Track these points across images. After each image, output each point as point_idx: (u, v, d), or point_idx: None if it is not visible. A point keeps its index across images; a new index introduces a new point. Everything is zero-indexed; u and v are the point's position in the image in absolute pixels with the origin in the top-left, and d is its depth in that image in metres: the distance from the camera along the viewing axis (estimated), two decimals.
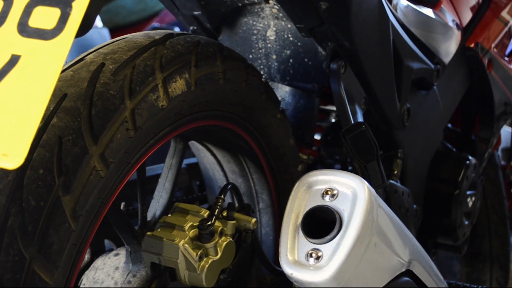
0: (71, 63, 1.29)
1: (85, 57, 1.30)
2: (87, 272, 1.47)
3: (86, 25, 1.07)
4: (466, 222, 2.04)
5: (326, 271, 1.27)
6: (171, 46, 1.36)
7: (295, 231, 1.32)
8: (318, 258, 1.29)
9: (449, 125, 2.21)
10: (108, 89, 1.24)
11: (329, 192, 1.33)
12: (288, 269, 1.30)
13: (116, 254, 1.47)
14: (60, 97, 1.21)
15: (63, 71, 1.27)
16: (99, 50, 1.31)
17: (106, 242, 1.60)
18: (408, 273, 1.40)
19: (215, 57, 1.43)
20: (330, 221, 1.30)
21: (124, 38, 1.36)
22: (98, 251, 1.53)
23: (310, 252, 1.30)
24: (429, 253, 2.06)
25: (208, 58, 1.42)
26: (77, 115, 1.19)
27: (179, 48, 1.37)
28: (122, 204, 1.61)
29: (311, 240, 1.30)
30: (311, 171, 1.37)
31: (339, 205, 1.31)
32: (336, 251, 1.27)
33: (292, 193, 1.36)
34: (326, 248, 1.29)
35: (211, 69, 1.42)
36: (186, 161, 1.96)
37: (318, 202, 1.33)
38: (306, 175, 1.36)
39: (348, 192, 1.31)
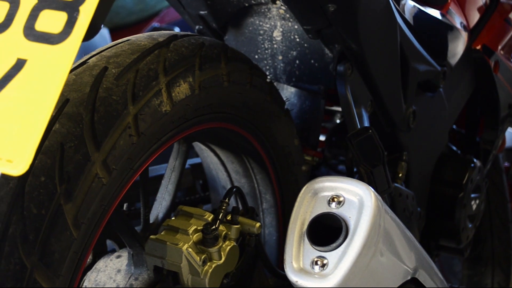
0: (74, 66, 1.27)
1: (88, 60, 1.28)
2: (88, 274, 1.45)
3: (93, 29, 1.05)
4: (470, 225, 2.03)
5: (331, 279, 1.25)
6: (175, 48, 1.34)
7: (300, 238, 1.31)
8: (323, 266, 1.27)
9: (454, 126, 2.19)
10: (111, 94, 1.22)
11: (335, 199, 1.31)
12: (293, 277, 1.28)
13: (118, 256, 1.46)
14: (62, 102, 1.19)
15: None
16: (102, 53, 1.29)
17: (109, 242, 1.58)
18: (414, 281, 1.39)
19: (219, 59, 1.41)
20: (336, 229, 1.28)
21: (128, 40, 1.34)
22: (100, 252, 1.51)
23: (315, 259, 1.28)
24: (432, 256, 2.05)
25: (213, 61, 1.39)
26: (79, 121, 1.18)
27: (183, 50, 1.35)
28: (125, 205, 1.60)
29: (316, 247, 1.29)
30: (317, 178, 1.35)
31: (345, 212, 1.29)
32: (342, 259, 1.25)
33: (298, 199, 1.34)
34: (331, 256, 1.27)
35: (216, 71, 1.40)
36: (190, 161, 1.95)
37: (324, 209, 1.31)
38: (312, 182, 1.34)
39: (355, 199, 1.30)
